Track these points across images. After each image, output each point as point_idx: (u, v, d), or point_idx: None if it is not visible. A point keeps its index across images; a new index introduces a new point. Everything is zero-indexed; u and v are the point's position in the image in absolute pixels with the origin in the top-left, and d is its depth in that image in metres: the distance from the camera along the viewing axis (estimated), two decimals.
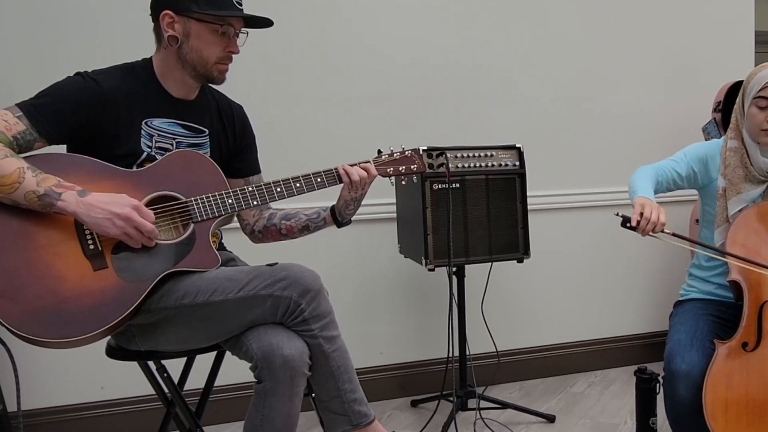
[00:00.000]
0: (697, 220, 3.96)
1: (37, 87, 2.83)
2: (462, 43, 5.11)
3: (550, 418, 4.58)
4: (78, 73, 2.89)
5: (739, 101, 3.55)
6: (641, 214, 3.20)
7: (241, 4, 3.00)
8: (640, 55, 5.58)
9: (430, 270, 4.23)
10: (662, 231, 3.20)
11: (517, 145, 4.39)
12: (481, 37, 5.15)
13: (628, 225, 3.23)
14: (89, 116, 2.82)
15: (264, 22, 3.08)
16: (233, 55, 3.06)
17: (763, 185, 3.48)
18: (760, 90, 3.40)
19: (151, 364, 3.09)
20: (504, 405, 4.65)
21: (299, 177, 3.04)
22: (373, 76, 4.92)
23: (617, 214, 3.30)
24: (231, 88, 3.27)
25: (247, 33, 3.09)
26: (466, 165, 4.25)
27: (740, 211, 3.49)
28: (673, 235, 3.24)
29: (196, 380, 3.46)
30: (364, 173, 3.11)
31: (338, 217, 3.30)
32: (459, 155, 4.25)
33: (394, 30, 4.95)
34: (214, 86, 3.22)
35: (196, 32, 2.93)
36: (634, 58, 5.57)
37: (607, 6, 5.46)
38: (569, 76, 5.40)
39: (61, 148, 2.92)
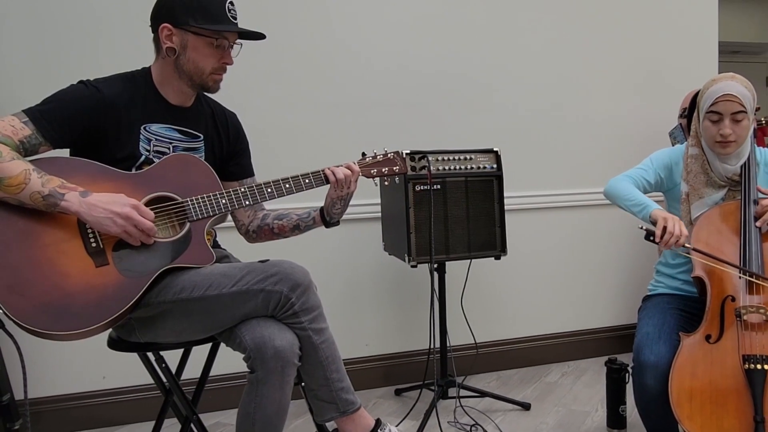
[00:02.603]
0: None
1: (42, 94, 2.84)
2: (444, 54, 5.12)
3: (526, 406, 4.59)
4: (81, 81, 2.89)
5: (696, 112, 3.57)
6: (665, 228, 3.22)
7: (235, 18, 3.01)
8: (611, 65, 5.60)
9: (412, 266, 4.25)
10: (685, 245, 3.23)
11: (495, 149, 4.40)
12: (462, 47, 5.17)
13: (651, 238, 3.25)
14: (91, 121, 2.82)
15: (256, 36, 3.09)
16: (228, 66, 3.08)
17: (723, 190, 3.50)
18: (712, 105, 3.40)
19: (150, 355, 3.09)
20: (482, 393, 4.66)
21: (288, 178, 3.04)
22: (360, 85, 4.94)
23: (641, 228, 3.33)
24: (226, 96, 3.28)
25: (241, 44, 3.10)
26: (447, 167, 4.25)
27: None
28: (694, 249, 3.26)
29: (193, 370, 3.47)
30: (348, 171, 3.13)
31: (326, 216, 3.31)
32: (440, 158, 4.25)
33: (379, 41, 4.97)
34: (209, 94, 3.23)
35: (193, 44, 2.94)
36: (605, 68, 5.59)
37: (580, 19, 5.48)
38: (544, 85, 5.42)
39: (65, 152, 2.93)
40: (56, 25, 4.29)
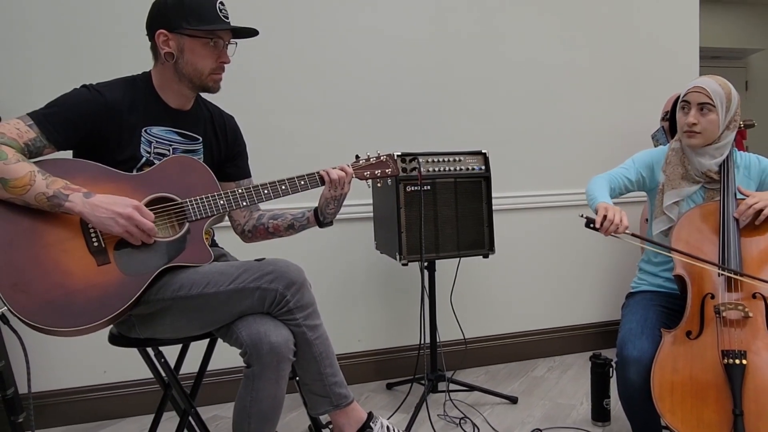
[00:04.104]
0: (647, 219, 3.99)
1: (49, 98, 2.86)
2: (434, 59, 5.14)
3: (513, 400, 4.60)
4: (83, 86, 2.90)
5: None
6: (605, 217, 3.25)
7: (227, 18, 3.02)
8: (595, 69, 5.62)
9: (403, 265, 4.25)
10: (625, 232, 3.25)
11: (483, 151, 4.40)
12: (451, 53, 5.18)
13: (591, 225, 3.28)
14: (94, 125, 2.84)
15: (249, 33, 3.10)
16: (226, 66, 3.09)
17: (697, 185, 3.55)
18: (684, 95, 3.52)
19: (149, 350, 3.10)
20: (471, 387, 4.68)
21: (284, 180, 3.06)
22: (353, 90, 4.94)
23: (582, 216, 3.35)
24: (224, 100, 3.30)
25: (236, 44, 3.11)
26: (437, 169, 4.26)
27: (676, 204, 3.56)
28: (633, 235, 3.28)
29: (191, 365, 3.48)
30: (342, 173, 3.15)
31: (320, 216, 3.32)
32: (430, 160, 4.26)
33: (371, 48, 4.98)
34: (209, 97, 3.25)
35: (189, 47, 2.96)
36: (589, 72, 5.61)
37: (565, 25, 5.49)
38: (531, 90, 5.43)
39: (68, 154, 2.93)
40: (80, 31, 4.34)
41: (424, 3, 5.12)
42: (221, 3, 3.01)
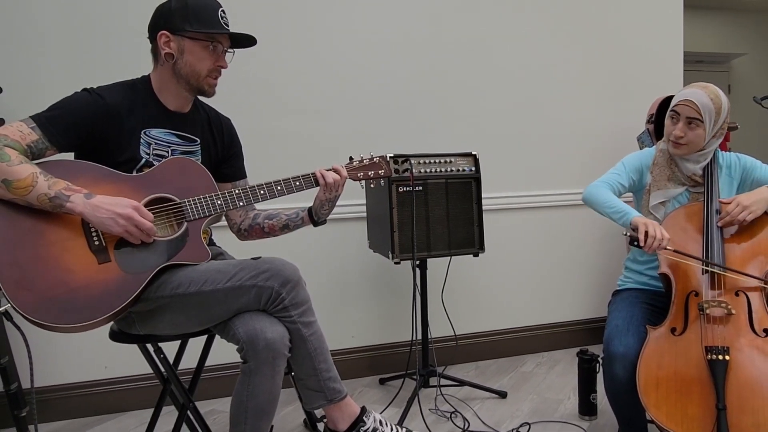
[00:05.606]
0: None
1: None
2: (426, 63, 5.14)
3: (503, 394, 4.60)
4: (84, 89, 2.91)
5: None
6: (646, 233, 3.25)
7: (227, 25, 3.05)
8: (582, 73, 5.62)
9: (396, 263, 4.25)
10: (666, 247, 3.25)
11: (473, 153, 4.40)
12: (443, 57, 5.18)
13: (635, 243, 3.28)
14: (95, 127, 2.84)
15: (247, 41, 3.12)
16: (224, 72, 3.11)
17: (683, 187, 3.56)
18: (674, 105, 3.49)
19: (149, 346, 3.10)
20: (461, 383, 4.67)
21: (280, 181, 3.06)
22: (348, 94, 4.94)
23: (625, 234, 3.37)
24: (222, 102, 3.31)
25: (233, 52, 3.13)
26: (428, 170, 4.26)
27: (662, 204, 3.57)
28: (675, 251, 3.28)
29: (189, 361, 3.49)
30: (337, 176, 3.15)
31: (314, 216, 3.33)
32: (422, 161, 4.26)
33: (365, 50, 4.98)
34: (205, 100, 3.25)
35: (190, 48, 2.97)
36: (577, 76, 5.61)
37: (554, 30, 5.50)
38: (519, 94, 5.44)
39: (70, 155, 2.94)
40: (88, 33, 4.35)
41: (419, 9, 5.12)
42: (223, 11, 3.04)
